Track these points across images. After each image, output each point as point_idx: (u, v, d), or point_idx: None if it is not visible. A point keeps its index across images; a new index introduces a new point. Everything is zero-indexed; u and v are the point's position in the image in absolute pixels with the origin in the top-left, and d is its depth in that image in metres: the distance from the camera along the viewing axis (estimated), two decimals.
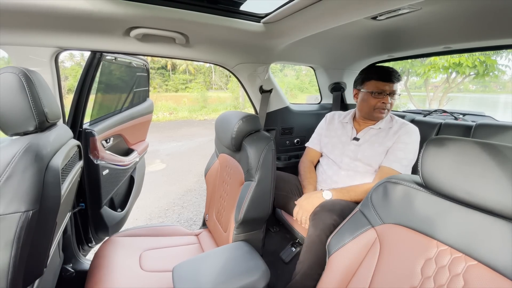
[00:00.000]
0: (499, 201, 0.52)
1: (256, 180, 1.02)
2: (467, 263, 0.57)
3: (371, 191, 0.80)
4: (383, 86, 1.22)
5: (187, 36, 1.15)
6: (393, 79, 1.21)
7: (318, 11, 0.93)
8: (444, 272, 0.59)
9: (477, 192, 0.55)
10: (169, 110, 12.61)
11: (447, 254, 0.60)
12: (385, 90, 1.21)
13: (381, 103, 1.22)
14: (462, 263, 0.57)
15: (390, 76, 1.22)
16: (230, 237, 1.07)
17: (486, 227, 0.56)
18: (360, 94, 1.30)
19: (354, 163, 1.28)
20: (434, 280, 0.60)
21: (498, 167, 0.53)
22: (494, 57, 5.48)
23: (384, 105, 1.22)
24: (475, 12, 1.01)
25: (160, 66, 21.29)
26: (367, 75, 1.28)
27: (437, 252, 0.62)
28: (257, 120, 1.14)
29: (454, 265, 0.58)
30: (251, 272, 0.82)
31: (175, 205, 3.02)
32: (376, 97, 1.23)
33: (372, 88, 1.24)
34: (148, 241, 1.24)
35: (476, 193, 0.56)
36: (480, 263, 0.55)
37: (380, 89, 1.22)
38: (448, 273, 0.59)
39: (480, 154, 0.56)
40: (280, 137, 1.98)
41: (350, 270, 0.75)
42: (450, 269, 0.59)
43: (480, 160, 0.56)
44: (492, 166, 0.54)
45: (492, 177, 0.53)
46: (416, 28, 1.24)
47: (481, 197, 0.55)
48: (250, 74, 1.65)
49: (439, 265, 0.60)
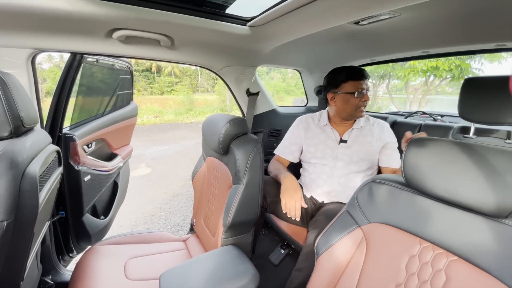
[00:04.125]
0: (476, 198, 0.55)
1: (244, 183, 1.01)
2: (448, 258, 0.59)
3: (357, 191, 0.82)
4: (361, 84, 1.25)
5: (172, 38, 1.13)
6: (366, 76, 1.27)
7: (303, 15, 0.94)
8: (427, 268, 0.61)
9: (456, 190, 0.58)
10: (155, 113, 12.37)
11: (430, 251, 0.62)
12: (364, 88, 1.26)
13: (363, 101, 1.26)
14: (444, 259, 0.59)
15: (363, 73, 1.26)
16: (219, 241, 1.05)
17: (465, 224, 0.58)
18: (339, 97, 1.29)
19: (348, 166, 1.29)
20: (418, 276, 0.62)
21: (475, 166, 0.56)
22: (468, 61, 5.79)
23: (365, 102, 1.26)
24: (450, 19, 1.06)
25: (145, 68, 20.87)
26: (343, 76, 1.28)
27: (420, 249, 0.64)
28: (245, 123, 1.14)
29: (436, 261, 0.60)
30: (240, 276, 0.81)
31: (162, 211, 2.96)
32: (358, 96, 1.26)
33: (352, 89, 1.25)
34: (133, 249, 1.21)
35: (455, 191, 0.58)
36: (461, 258, 0.57)
37: (360, 88, 1.25)
38: (431, 269, 0.61)
39: (458, 154, 0.59)
40: (267, 139, 1.99)
41: (338, 270, 0.76)
42: (433, 265, 0.61)
43: (458, 160, 0.58)
44: (469, 165, 0.56)
45: (469, 175, 0.56)
46: (396, 33, 1.29)
47: (459, 195, 0.57)
48: (237, 77, 1.65)
49: (423, 262, 0.62)
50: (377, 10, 0.86)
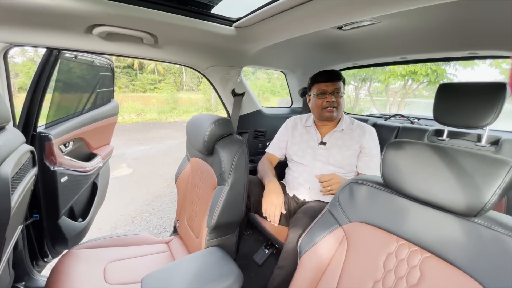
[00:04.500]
0: (448, 198, 0.58)
1: (229, 184, 1.01)
2: (423, 255, 0.62)
3: (339, 191, 0.85)
4: (325, 86, 1.32)
5: (156, 36, 1.11)
6: (331, 79, 1.32)
7: (288, 18, 0.96)
8: (403, 265, 0.64)
9: (429, 190, 0.61)
10: (137, 112, 12.02)
11: (406, 248, 0.65)
12: (327, 90, 1.32)
13: (326, 102, 1.32)
14: (418, 256, 0.63)
15: (328, 76, 1.33)
16: (203, 243, 1.04)
17: (438, 222, 0.62)
18: (311, 99, 1.41)
19: (326, 167, 1.33)
20: (395, 272, 0.65)
21: (447, 168, 0.59)
22: (443, 66, 6.11)
23: (329, 103, 1.31)
24: (427, 27, 1.12)
25: (127, 65, 20.21)
26: (312, 81, 1.39)
27: (397, 247, 0.67)
28: (230, 124, 1.14)
29: (411, 258, 0.64)
30: (224, 277, 0.81)
31: (143, 212, 2.88)
32: (320, 98, 1.33)
33: (316, 91, 1.35)
34: (113, 252, 1.17)
35: (429, 192, 0.61)
36: (434, 255, 0.61)
37: (322, 90, 1.33)
38: (407, 265, 0.64)
39: (432, 157, 0.63)
40: (252, 140, 2.00)
41: (320, 268, 0.78)
42: (408, 261, 0.64)
43: (432, 162, 0.62)
44: (442, 167, 0.60)
45: (442, 177, 0.59)
46: (377, 39, 1.34)
47: (433, 195, 0.61)
48: (222, 77, 1.64)
49: (399, 259, 0.66)
50: (359, 16, 0.90)
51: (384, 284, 0.66)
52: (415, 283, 0.61)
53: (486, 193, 0.53)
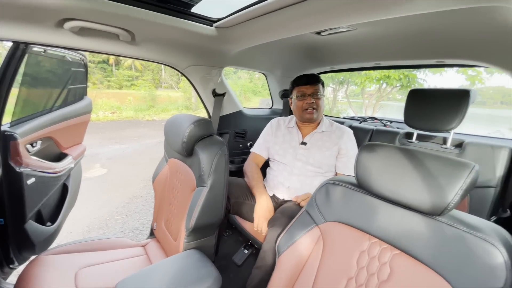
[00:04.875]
0: (415, 198, 0.62)
1: (209, 185, 1.00)
2: (392, 252, 0.66)
3: (316, 192, 0.87)
4: (304, 89, 1.39)
5: (132, 33, 1.07)
6: (311, 82, 1.38)
7: (269, 22, 0.97)
8: (374, 262, 0.68)
9: (398, 191, 0.65)
10: (112, 109, 11.50)
11: (377, 246, 0.69)
12: (306, 92, 1.38)
13: (306, 103, 1.37)
14: (389, 253, 0.67)
15: (308, 80, 1.39)
16: (181, 245, 1.03)
17: (406, 221, 0.66)
18: (293, 101, 1.46)
19: (306, 167, 1.37)
20: (367, 269, 0.69)
21: (415, 170, 0.63)
22: (414, 72, 6.47)
23: (308, 105, 1.37)
24: (399, 36, 1.19)
25: (101, 60, 19.23)
26: (293, 84, 1.45)
27: (369, 245, 0.70)
28: (210, 125, 1.13)
29: (382, 255, 0.67)
30: (202, 280, 0.81)
31: (119, 214, 2.77)
32: (300, 100, 1.39)
33: (297, 93, 1.41)
34: (85, 257, 1.11)
35: (398, 192, 0.65)
36: (403, 252, 0.64)
37: (302, 92, 1.39)
38: (378, 262, 0.67)
39: (401, 159, 0.67)
40: (233, 140, 1.99)
41: (298, 267, 0.80)
42: (379, 258, 0.67)
43: (401, 164, 0.66)
44: (410, 169, 0.64)
45: (410, 178, 0.63)
46: (353, 45, 1.40)
47: (402, 195, 0.65)
48: (203, 76, 1.63)
49: (371, 256, 0.69)
50: (336, 23, 0.93)
51: (357, 281, 0.69)
52: (385, 279, 0.65)
53: (449, 194, 0.57)
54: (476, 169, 0.58)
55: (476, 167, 0.58)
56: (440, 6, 0.72)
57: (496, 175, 1.18)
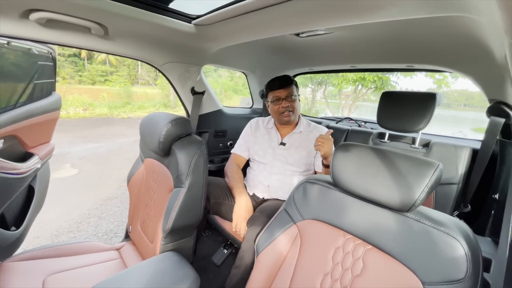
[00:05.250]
0: (386, 196, 0.66)
1: (187, 186, 0.99)
2: (365, 248, 0.69)
3: (294, 190, 0.89)
4: (278, 93, 1.39)
5: (105, 27, 1.02)
6: (282, 85, 1.39)
7: (248, 21, 0.97)
8: (349, 257, 0.71)
9: (371, 189, 0.68)
10: (84, 106, 10.90)
11: (351, 242, 0.72)
12: (280, 96, 1.39)
13: (281, 107, 1.39)
14: (362, 248, 0.70)
15: (281, 83, 1.40)
16: (157, 248, 1.00)
17: (378, 217, 0.69)
18: (269, 105, 1.47)
19: (284, 166, 1.40)
20: (342, 265, 0.71)
21: (386, 169, 0.67)
22: (387, 74, 6.80)
23: (284, 108, 1.39)
24: (372, 41, 1.24)
25: (72, 54, 18.12)
26: (267, 88, 1.45)
27: (344, 241, 0.73)
28: (188, 124, 1.11)
29: (356, 251, 0.70)
30: (179, 282, 0.79)
31: (91, 217, 2.64)
32: (276, 104, 1.41)
33: (271, 98, 1.42)
34: (54, 263, 1.05)
35: (370, 190, 0.69)
36: (374, 247, 0.68)
37: (276, 97, 1.40)
38: (352, 258, 0.70)
39: (374, 158, 0.70)
40: (213, 139, 1.97)
41: (276, 265, 0.81)
42: (353, 254, 0.70)
43: (373, 163, 0.69)
44: (381, 168, 0.67)
45: (381, 176, 0.67)
46: (330, 48, 1.44)
47: (374, 193, 0.68)
48: (181, 74, 1.59)
49: (345, 252, 0.72)
50: (314, 26, 0.95)
51: (333, 276, 0.71)
52: (358, 273, 0.68)
53: (416, 191, 0.61)
54: (440, 168, 0.62)
55: (440, 166, 0.62)
56: (410, 14, 0.77)
57: (459, 173, 1.28)
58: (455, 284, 0.54)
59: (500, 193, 1.21)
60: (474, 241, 0.58)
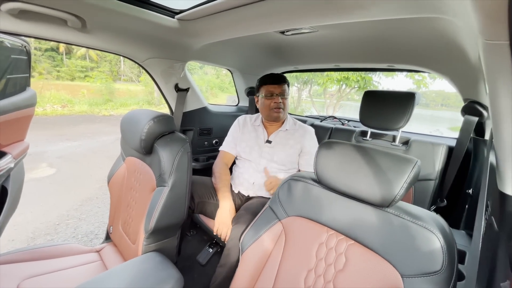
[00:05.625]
0: (367, 192, 0.67)
1: (170, 185, 0.96)
2: (347, 243, 0.71)
3: (279, 188, 0.89)
4: (273, 88, 1.40)
5: (83, 19, 0.98)
6: (278, 82, 1.41)
7: (233, 17, 0.96)
8: (332, 252, 0.72)
9: (353, 185, 0.70)
10: (62, 102, 10.43)
11: (334, 238, 0.73)
12: (274, 92, 1.40)
13: (274, 102, 1.40)
14: (344, 244, 0.71)
15: (276, 79, 1.41)
16: (140, 249, 0.97)
17: (359, 213, 0.71)
18: (259, 100, 1.46)
19: (270, 164, 1.40)
20: (325, 260, 0.72)
21: (367, 166, 0.68)
22: (370, 74, 6.99)
23: (276, 104, 1.40)
24: (355, 41, 1.27)
25: (49, 48, 17.24)
26: (260, 82, 1.45)
27: (327, 237, 0.74)
28: (171, 121, 1.08)
29: (339, 246, 0.72)
30: (162, 283, 0.78)
31: (70, 218, 2.53)
32: (269, 99, 1.40)
33: (265, 92, 1.41)
34: (30, 267, 1.00)
35: (352, 186, 0.70)
36: (357, 242, 0.69)
37: (270, 92, 1.40)
38: (335, 253, 0.72)
39: (356, 156, 0.71)
40: (198, 137, 1.94)
41: (261, 263, 0.81)
42: (336, 249, 0.72)
43: (355, 160, 0.71)
44: (363, 165, 0.69)
45: (363, 173, 0.68)
46: (315, 46, 1.46)
47: (356, 189, 0.69)
48: (164, 70, 1.55)
49: (329, 247, 0.73)
50: (298, 24, 0.96)
51: (316, 272, 0.72)
52: (341, 268, 0.69)
53: (396, 186, 0.63)
54: (419, 164, 0.64)
55: (419, 162, 0.65)
56: (390, 15, 0.79)
57: (436, 169, 1.33)
58: (432, 276, 0.56)
59: (473, 188, 1.27)
60: (449, 234, 0.60)
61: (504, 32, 0.36)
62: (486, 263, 0.58)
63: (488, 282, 0.54)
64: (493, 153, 0.66)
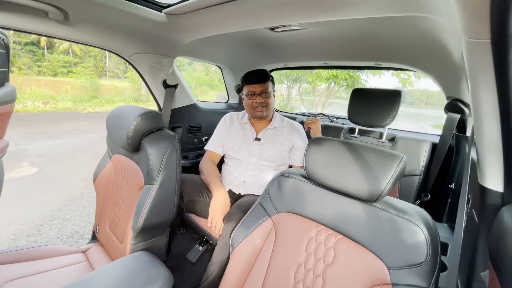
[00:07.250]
0: (355, 187, 0.68)
1: (158, 182, 0.95)
2: (336, 237, 0.72)
3: (269, 184, 0.90)
4: (253, 88, 1.37)
5: (65, 11, 0.94)
6: (258, 80, 1.38)
7: (222, 13, 0.95)
8: (321, 247, 0.73)
9: (341, 181, 0.71)
10: (44, 99, 10.05)
11: (323, 233, 0.74)
12: (255, 91, 1.37)
13: (255, 102, 1.38)
14: (333, 238, 0.72)
15: (257, 78, 1.37)
16: (128, 248, 0.95)
17: (348, 208, 0.72)
18: (244, 99, 1.44)
19: (259, 162, 1.40)
20: (315, 255, 0.73)
21: (355, 162, 0.70)
22: (358, 73, 7.10)
23: (258, 104, 1.38)
24: (343, 39, 1.28)
25: (30, 42, 16.51)
26: (242, 81, 1.42)
27: (316, 232, 0.75)
28: (159, 117, 1.06)
29: (328, 241, 0.73)
30: (151, 282, 0.76)
31: (54, 218, 2.45)
32: (250, 98, 1.39)
33: (246, 92, 1.40)
34: (11, 269, 0.96)
35: (341, 182, 0.71)
36: (345, 237, 0.71)
37: (251, 91, 1.38)
38: (324, 247, 0.73)
39: (344, 152, 0.72)
40: (187, 135, 1.92)
41: (251, 259, 0.81)
42: (325, 244, 0.73)
43: (344, 157, 0.72)
44: (351, 161, 0.70)
45: (351, 169, 0.69)
46: (304, 44, 1.46)
47: (344, 184, 0.71)
48: (151, 66, 1.52)
49: (318, 242, 0.74)
50: (287, 20, 0.96)
51: (306, 266, 0.73)
52: (330, 262, 0.70)
53: (383, 182, 0.64)
54: (404, 160, 0.66)
55: (404, 158, 0.66)
56: (377, 13, 0.80)
57: (420, 165, 1.38)
58: (416, 267, 0.58)
59: (455, 183, 1.32)
60: (433, 227, 0.62)
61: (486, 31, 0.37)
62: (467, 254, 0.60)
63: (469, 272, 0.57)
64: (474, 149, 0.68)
